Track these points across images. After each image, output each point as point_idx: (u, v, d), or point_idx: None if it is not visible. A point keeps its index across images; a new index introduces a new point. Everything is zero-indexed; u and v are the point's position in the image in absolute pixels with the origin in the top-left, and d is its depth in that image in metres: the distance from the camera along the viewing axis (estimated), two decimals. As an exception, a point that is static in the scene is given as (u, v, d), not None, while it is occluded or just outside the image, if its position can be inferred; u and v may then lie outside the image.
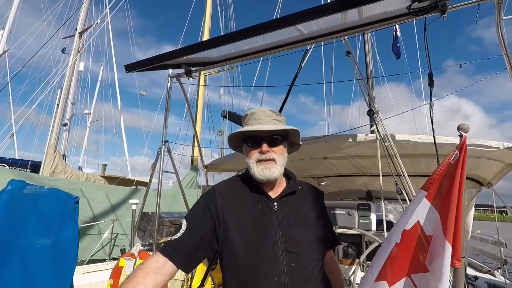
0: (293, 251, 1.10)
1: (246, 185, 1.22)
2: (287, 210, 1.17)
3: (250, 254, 1.08)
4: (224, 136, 13.37)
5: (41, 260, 0.86)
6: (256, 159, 1.17)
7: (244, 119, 1.28)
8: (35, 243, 0.86)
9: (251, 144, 1.20)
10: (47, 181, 6.11)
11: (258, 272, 1.06)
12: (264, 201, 1.17)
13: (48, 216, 0.91)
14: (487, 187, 3.35)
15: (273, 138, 1.19)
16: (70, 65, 9.99)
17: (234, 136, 1.26)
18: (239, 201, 1.17)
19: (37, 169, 9.73)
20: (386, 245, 1.31)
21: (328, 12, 1.63)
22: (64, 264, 0.89)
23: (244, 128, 1.22)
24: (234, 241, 1.10)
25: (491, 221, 10.03)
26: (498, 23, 1.93)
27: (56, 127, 9.93)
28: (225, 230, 1.11)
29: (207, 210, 1.15)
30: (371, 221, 3.19)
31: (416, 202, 1.30)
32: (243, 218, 1.13)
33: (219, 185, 1.26)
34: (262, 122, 1.21)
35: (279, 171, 1.18)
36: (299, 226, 1.15)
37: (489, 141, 2.46)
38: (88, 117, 18.19)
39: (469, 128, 1.24)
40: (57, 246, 0.88)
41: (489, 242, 6.30)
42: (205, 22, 10.83)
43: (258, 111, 1.25)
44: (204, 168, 3.94)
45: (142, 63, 2.31)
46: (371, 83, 3.95)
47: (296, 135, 1.27)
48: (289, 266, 1.08)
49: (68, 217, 0.93)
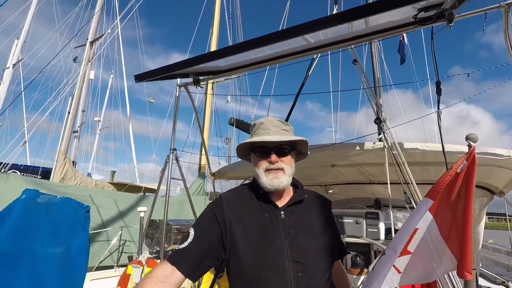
0: (300, 261, 1.09)
1: (253, 193, 1.22)
2: (294, 219, 1.17)
3: (257, 264, 1.07)
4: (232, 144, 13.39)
5: (52, 268, 0.88)
6: (264, 168, 1.18)
7: (252, 129, 1.29)
8: (47, 251, 0.88)
9: (260, 154, 1.21)
10: (57, 187, 6.20)
11: (265, 282, 1.06)
12: (271, 210, 1.17)
13: (60, 225, 0.94)
14: (499, 196, 3.28)
15: (282, 148, 1.20)
16: (81, 73, 10.21)
17: (242, 146, 1.28)
18: (246, 210, 1.17)
19: (48, 175, 9.89)
20: (391, 253, 1.29)
21: (335, 23, 1.65)
22: (74, 272, 0.90)
23: (252, 139, 1.23)
24: (240, 250, 1.09)
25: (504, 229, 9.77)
26: (506, 30, 1.91)
27: (67, 134, 10.11)
28: (231, 239, 1.11)
29: (214, 219, 1.15)
30: (379, 230, 3.15)
31: (421, 210, 1.28)
32: (250, 227, 1.13)
33: (226, 194, 1.26)
34: (270, 133, 1.21)
35: (287, 181, 1.19)
36: (306, 236, 1.15)
37: (500, 149, 2.43)
38: (98, 124, 18.48)
39: (477, 138, 1.23)
40: (68, 255, 0.90)
41: (502, 252, 6.14)
42: (213, 30, 11.00)
43: (266, 121, 1.26)
44: (211, 175, 3.95)
45: (152, 73, 2.36)
46: (378, 91, 3.94)
47: (304, 145, 1.28)
48: (296, 276, 1.07)
49: (79, 226, 0.95)
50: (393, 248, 1.29)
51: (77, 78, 10.06)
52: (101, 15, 12.20)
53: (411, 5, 1.59)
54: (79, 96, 10.74)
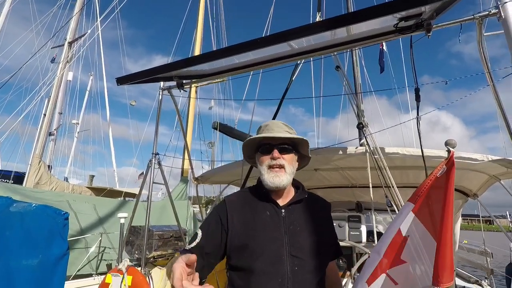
0: (298, 256, 1.15)
1: (256, 194, 1.29)
2: (294, 217, 1.23)
3: (256, 256, 1.14)
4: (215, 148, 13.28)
5: (27, 281, 0.83)
6: (267, 165, 1.26)
7: (258, 131, 1.38)
8: (21, 263, 0.84)
9: (263, 151, 1.29)
10: (32, 193, 5.91)
11: (263, 273, 1.12)
12: (272, 208, 1.24)
13: (35, 235, 0.89)
14: (473, 198, 3.42)
15: (284, 147, 1.28)
16: (58, 75, 9.86)
17: (248, 143, 1.35)
18: (249, 209, 1.25)
19: (21, 180, 9.43)
20: (375, 256, 1.34)
21: (319, 30, 1.68)
22: (51, 284, 0.86)
23: (258, 135, 1.32)
24: (242, 245, 1.17)
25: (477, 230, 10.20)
26: (479, 41, 2.01)
27: (42, 137, 9.70)
28: (234, 236, 1.19)
29: (219, 221, 1.23)
30: (361, 233, 3.21)
31: (403, 214, 1.33)
32: (252, 224, 1.20)
33: (229, 196, 1.35)
34: (275, 132, 1.30)
35: (288, 180, 1.25)
36: (305, 233, 1.21)
37: (475, 154, 2.53)
38: (76, 127, 17.85)
39: (456, 144, 1.27)
40: (45, 266, 0.86)
41: (475, 252, 6.39)
42: (197, 33, 10.92)
43: (271, 123, 1.36)
44: (194, 180, 3.90)
45: (134, 76, 2.31)
46: (360, 97, 4.03)
47: (305, 146, 1.35)
48: (292, 269, 1.13)
49: (57, 234, 0.91)
50: (377, 251, 1.34)
51: (54, 80, 9.70)
52: (81, 15, 11.86)
53: (392, 15, 1.65)
54: (56, 98, 10.35)
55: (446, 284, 1.14)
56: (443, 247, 1.16)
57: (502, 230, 3.38)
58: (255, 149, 1.36)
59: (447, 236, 1.16)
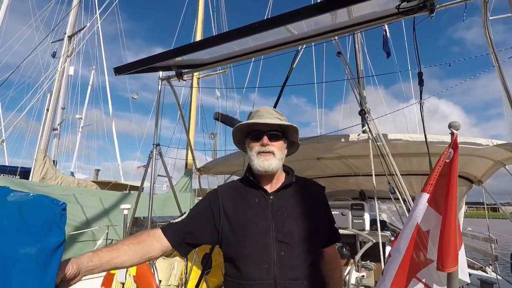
0: (284, 241, 1.16)
1: (247, 183, 1.31)
2: (282, 203, 1.23)
3: (243, 244, 1.17)
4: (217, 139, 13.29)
5: (25, 270, 0.82)
6: (257, 151, 1.26)
7: (249, 116, 1.37)
8: (19, 252, 0.83)
9: (253, 137, 1.29)
10: (38, 187, 5.98)
11: (250, 260, 1.14)
12: (261, 195, 1.25)
13: (33, 224, 0.88)
14: (478, 185, 3.38)
15: (274, 133, 1.27)
16: (59, 69, 9.84)
17: (239, 128, 1.34)
18: (239, 197, 1.27)
19: (27, 176, 9.54)
20: (396, 255, 1.27)
21: (318, 12, 1.63)
22: (46, 273, 0.85)
23: (247, 121, 1.32)
24: (230, 232, 1.20)
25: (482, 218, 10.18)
26: (485, 21, 1.95)
27: (46, 133, 9.74)
28: (224, 223, 1.22)
29: (208, 205, 1.26)
30: (364, 221, 3.20)
31: (419, 207, 1.26)
32: (240, 211, 1.22)
33: (222, 185, 1.39)
34: (264, 119, 1.29)
35: (277, 164, 1.25)
36: (293, 218, 1.21)
37: (479, 138, 2.49)
38: (80, 122, 17.90)
39: (459, 126, 1.24)
40: (42, 255, 0.85)
41: (480, 239, 6.37)
42: (197, 24, 10.79)
43: (262, 109, 1.35)
44: (197, 171, 3.90)
45: (132, 65, 2.28)
46: (362, 83, 3.97)
47: (294, 133, 1.34)
48: (279, 254, 1.14)
49: (55, 224, 0.90)
50: (398, 249, 1.28)
51: (56, 75, 9.69)
52: (79, 8, 11.77)
53: (394, -5, 1.59)
54: (58, 93, 10.36)
55: (450, 269, 1.12)
56: (447, 231, 1.13)
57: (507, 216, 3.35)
58: (245, 135, 1.35)
59: (451, 220, 1.13)
